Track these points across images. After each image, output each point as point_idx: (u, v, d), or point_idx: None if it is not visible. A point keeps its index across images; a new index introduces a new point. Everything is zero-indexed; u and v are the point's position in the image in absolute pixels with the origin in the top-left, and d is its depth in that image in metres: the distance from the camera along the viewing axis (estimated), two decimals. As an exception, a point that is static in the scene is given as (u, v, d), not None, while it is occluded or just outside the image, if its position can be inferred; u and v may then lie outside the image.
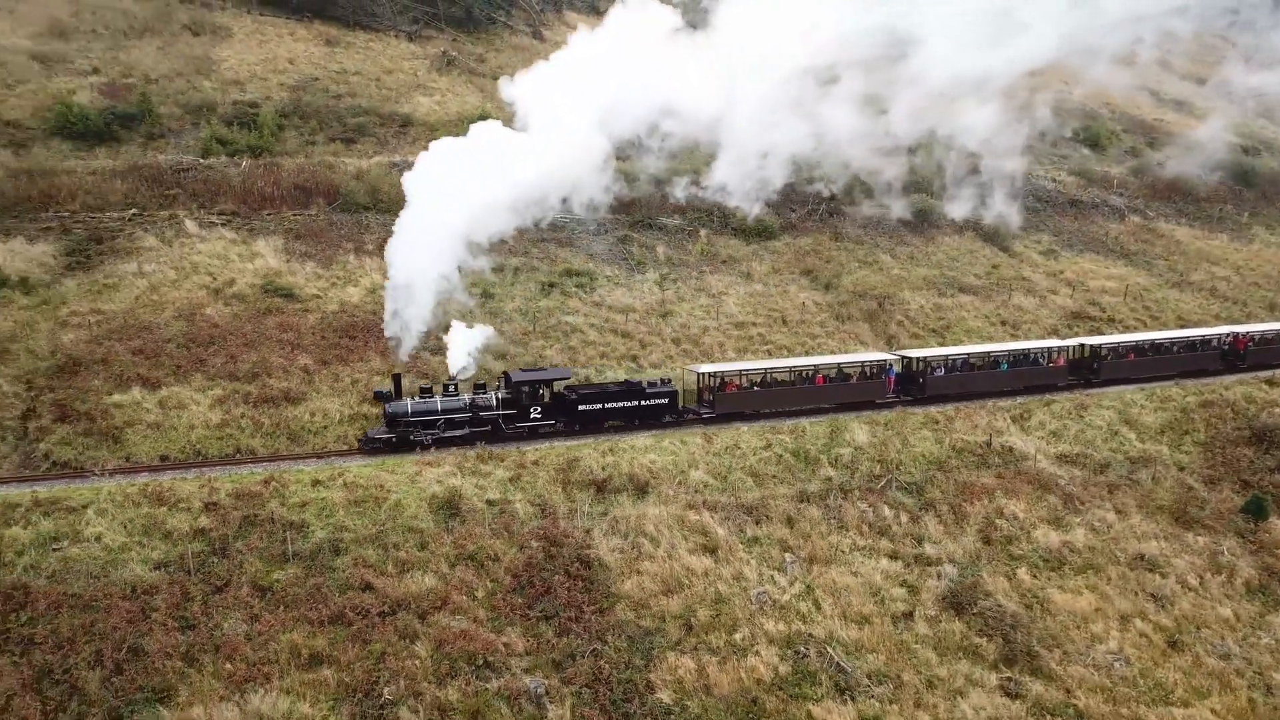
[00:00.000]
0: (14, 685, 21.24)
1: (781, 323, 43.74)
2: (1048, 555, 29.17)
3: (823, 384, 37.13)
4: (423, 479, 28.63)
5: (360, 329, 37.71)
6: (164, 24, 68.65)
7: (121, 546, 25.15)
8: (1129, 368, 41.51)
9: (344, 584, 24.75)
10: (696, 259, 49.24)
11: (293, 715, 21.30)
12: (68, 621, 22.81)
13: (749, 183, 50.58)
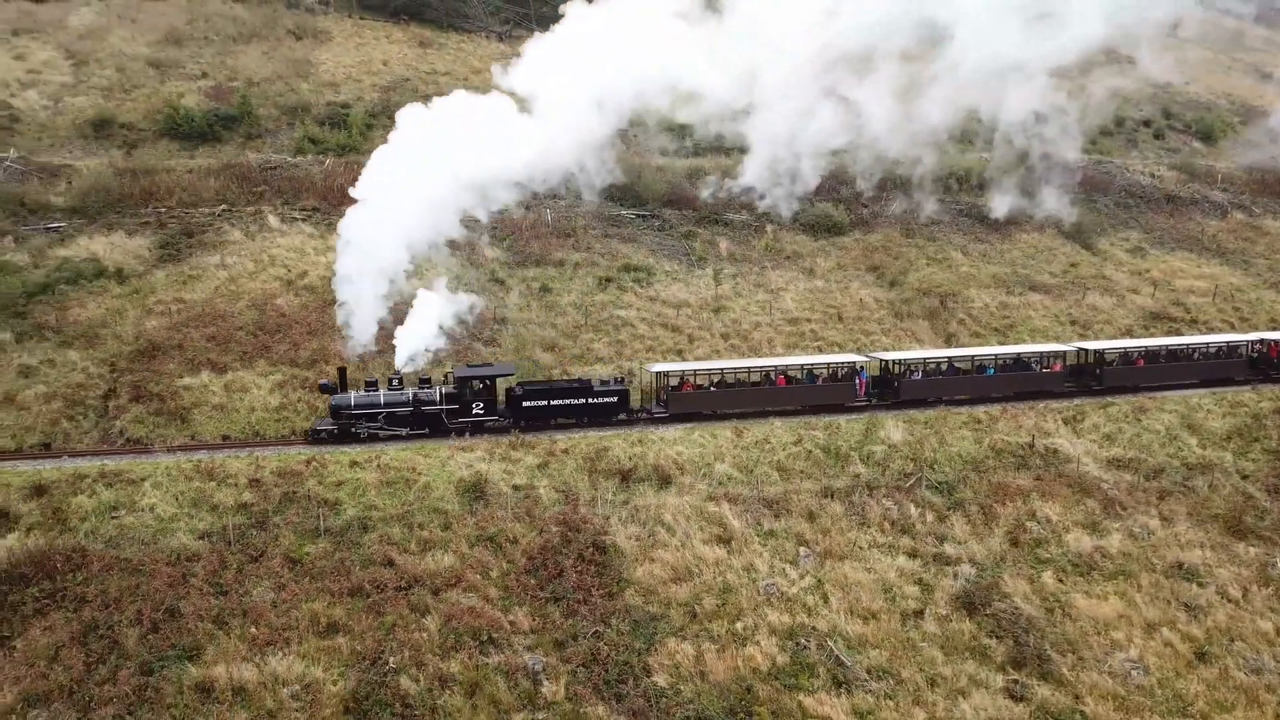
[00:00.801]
0: (63, 638, 23.40)
1: (837, 319, 43.59)
2: (1077, 560, 28.51)
3: (784, 385, 36.53)
4: (454, 463, 29.95)
5: (417, 320, 39.32)
6: (270, 29, 72.55)
7: (172, 517, 27.27)
8: (1138, 375, 39.18)
9: (367, 559, 26.23)
10: (760, 255, 49.42)
11: (305, 678, 22.80)
12: (116, 583, 24.92)
13: (813, 178, 50.37)
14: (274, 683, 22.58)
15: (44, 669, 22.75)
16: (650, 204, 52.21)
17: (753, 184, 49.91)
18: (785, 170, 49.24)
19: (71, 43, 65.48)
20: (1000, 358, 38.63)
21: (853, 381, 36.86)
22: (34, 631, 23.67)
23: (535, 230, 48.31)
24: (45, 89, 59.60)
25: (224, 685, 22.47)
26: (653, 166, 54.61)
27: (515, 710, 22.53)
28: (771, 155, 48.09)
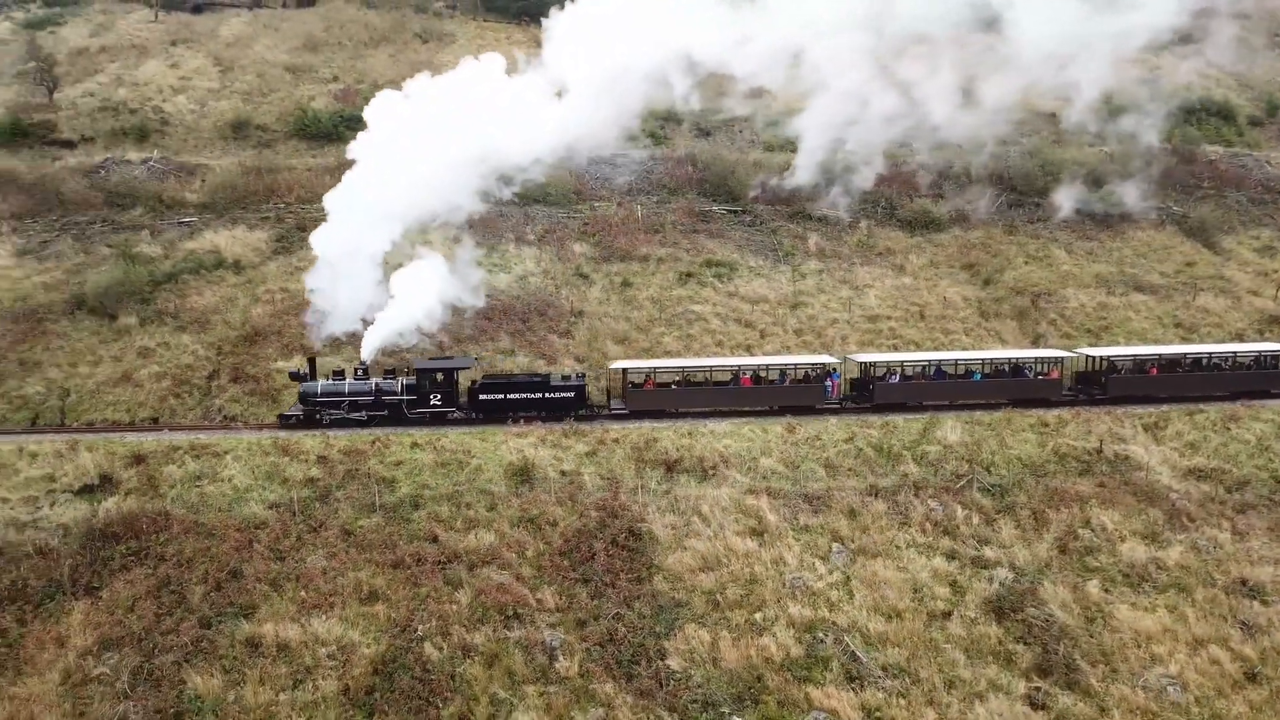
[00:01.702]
0: (141, 591, 26.10)
1: (919, 317, 42.92)
2: (1128, 570, 27.47)
3: (750, 385, 36.02)
4: (506, 448, 31.43)
5: (497, 312, 41.21)
6: (398, 34, 76.52)
7: (247, 488, 29.80)
8: (1150, 385, 36.70)
9: (414, 534, 28.00)
10: (851, 250, 49.05)
11: (343, 640, 24.70)
12: (191, 545, 27.54)
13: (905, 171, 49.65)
14: (314, 642, 24.55)
15: (121, 617, 25.47)
16: (742, 200, 52.52)
17: (820, 179, 49.60)
18: (867, 164, 48.79)
19: (220, 51, 70.89)
20: (991, 363, 37.03)
21: (823, 383, 36.12)
22: (118, 584, 26.48)
23: (625, 226, 49.43)
24: (193, 94, 64.81)
25: (270, 641, 24.60)
26: (749, 162, 54.88)
27: (529, 682, 23.73)
28: (861, 149, 47.72)
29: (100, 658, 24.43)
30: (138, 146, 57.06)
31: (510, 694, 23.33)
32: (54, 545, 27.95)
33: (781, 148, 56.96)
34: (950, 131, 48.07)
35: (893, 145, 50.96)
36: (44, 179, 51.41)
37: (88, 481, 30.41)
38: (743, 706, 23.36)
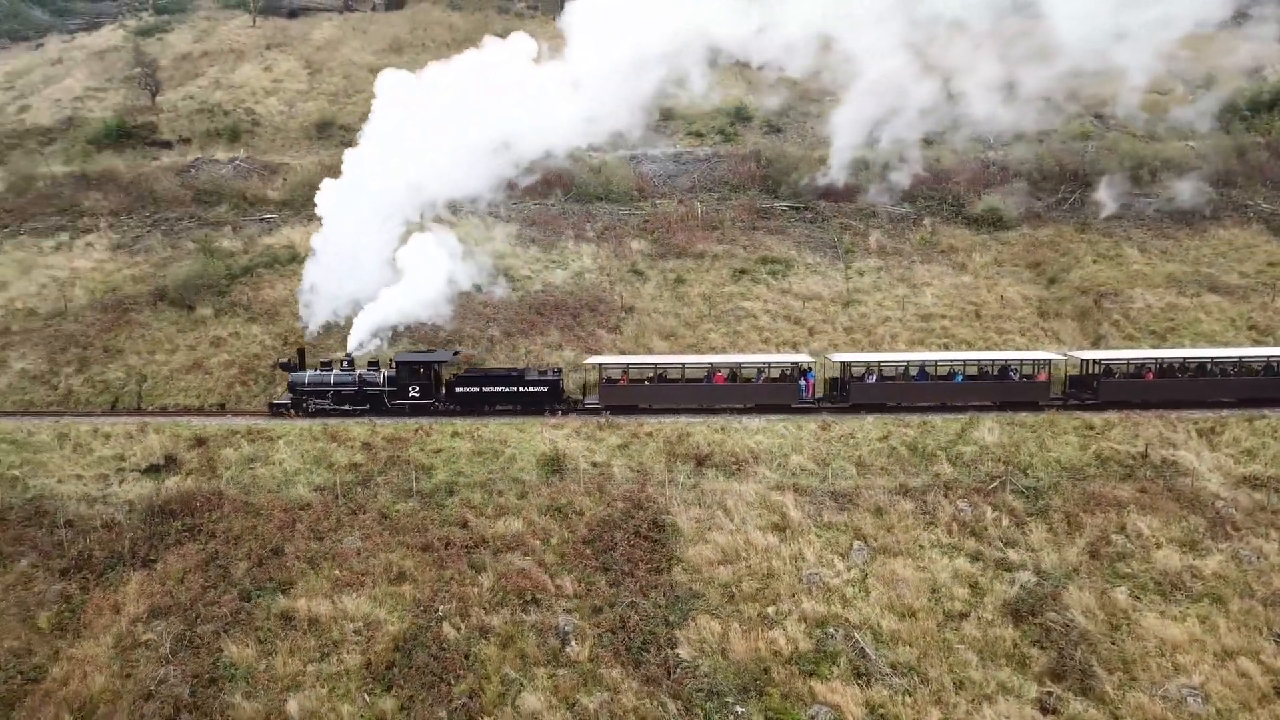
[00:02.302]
0: (191, 564, 27.88)
1: (975, 317, 42.23)
2: (1160, 578, 26.73)
3: (724, 383, 35.93)
4: (540, 439, 32.34)
5: (551, 307, 42.23)
6: (480, 34, 78.15)
7: (295, 471, 31.44)
8: (1146, 390, 35.37)
9: (446, 519, 29.14)
10: (914, 248, 48.49)
11: (370, 617, 25.96)
12: (239, 523, 29.25)
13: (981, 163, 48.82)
14: (342, 618, 25.88)
15: (171, 588, 27.29)
16: (804, 196, 52.40)
17: (876, 174, 49.05)
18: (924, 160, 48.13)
19: (310, 54, 73.97)
20: (977, 364, 36.30)
21: (798, 382, 35.97)
22: (171, 557, 28.34)
23: (684, 224, 49.90)
24: (283, 96, 67.84)
25: (303, 615, 26.03)
26: (814, 158, 54.67)
27: (540, 664, 24.54)
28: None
29: (149, 625, 26.24)
30: (229, 147, 60.06)
31: (521, 675, 24.18)
32: (119, 520, 30.03)
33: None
34: (1015, 125, 46.95)
35: (960, 140, 50.03)
36: (140, 178, 54.70)
37: (154, 461, 32.52)
38: (747, 697, 23.70)
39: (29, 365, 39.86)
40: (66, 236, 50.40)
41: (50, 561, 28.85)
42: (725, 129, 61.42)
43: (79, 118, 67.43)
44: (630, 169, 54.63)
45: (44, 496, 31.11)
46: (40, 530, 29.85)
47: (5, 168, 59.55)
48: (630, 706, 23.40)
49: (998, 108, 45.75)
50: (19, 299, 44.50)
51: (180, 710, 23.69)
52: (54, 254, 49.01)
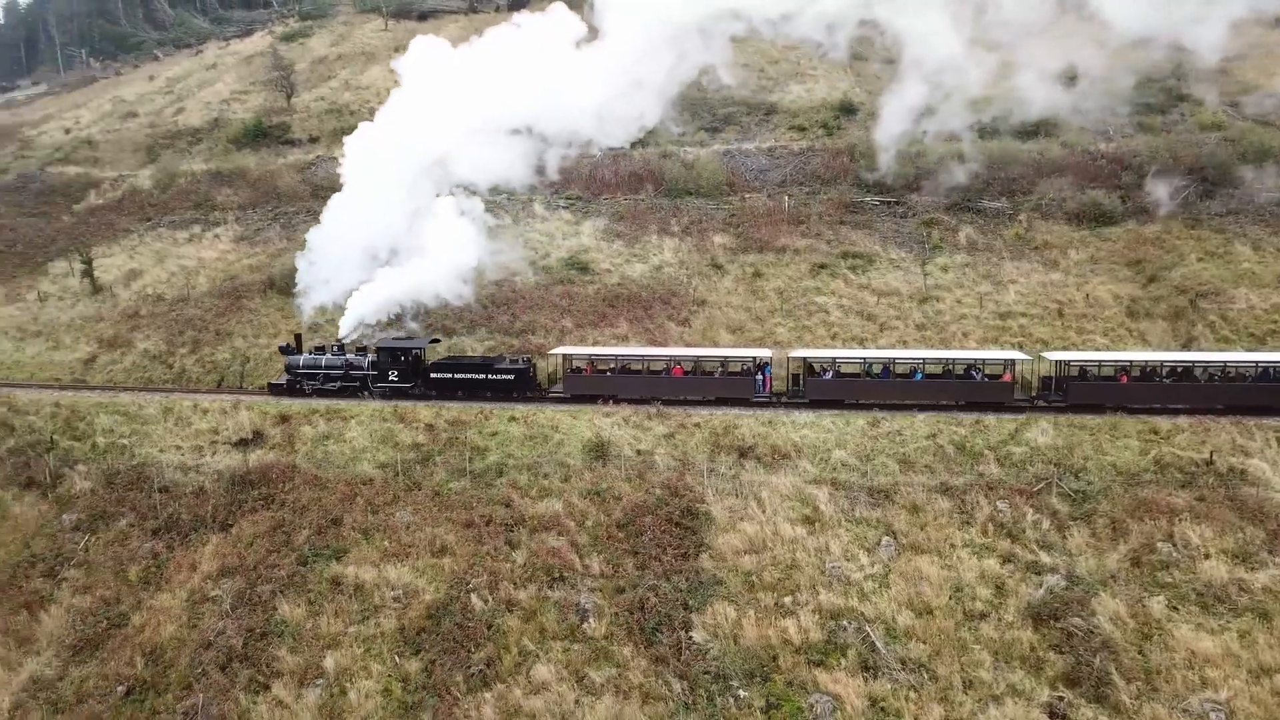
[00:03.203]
0: (261, 530, 30.44)
1: (1057, 315, 40.92)
2: (1204, 590, 25.62)
3: (682, 376, 36.25)
4: (589, 425, 33.53)
5: (624, 300, 43.41)
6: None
7: (363, 449, 33.72)
8: (1119, 394, 33.90)
9: (492, 499, 30.73)
10: (1006, 244, 47.27)
11: (410, 585, 27.76)
12: (307, 495, 31.66)
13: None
14: (384, 585, 27.78)
15: (241, 551, 29.89)
16: (897, 190, 51.74)
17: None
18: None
19: (433, 56, 77.14)
20: (940, 363, 35.48)
21: (755, 377, 35.87)
22: (245, 523, 30.99)
23: (769, 218, 50.16)
24: (404, 97, 71.14)
25: (350, 581, 28.08)
26: (911, 153, 53.82)
27: (557, 639, 25.75)
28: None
29: (218, 582, 28.88)
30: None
31: (537, 647, 25.44)
32: (207, 487, 33.01)
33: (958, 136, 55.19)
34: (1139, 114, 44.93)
35: (1074, 131, 48.36)
36: (266, 174, 58.96)
37: (243, 436, 35.47)
38: (751, 682, 24.21)
39: (151, 346, 43.93)
40: (199, 229, 54.92)
41: (145, 522, 31.99)
42: (829, 123, 60.95)
43: (224, 119, 72.99)
44: (721, 164, 55.14)
45: (146, 464, 34.45)
46: (140, 494, 33.09)
47: (155, 165, 65.22)
48: (636, 683, 24.30)
49: (1117, 100, 43.89)
50: (150, 285, 48.95)
51: (233, 659, 26.05)
52: (186, 245, 53.56)
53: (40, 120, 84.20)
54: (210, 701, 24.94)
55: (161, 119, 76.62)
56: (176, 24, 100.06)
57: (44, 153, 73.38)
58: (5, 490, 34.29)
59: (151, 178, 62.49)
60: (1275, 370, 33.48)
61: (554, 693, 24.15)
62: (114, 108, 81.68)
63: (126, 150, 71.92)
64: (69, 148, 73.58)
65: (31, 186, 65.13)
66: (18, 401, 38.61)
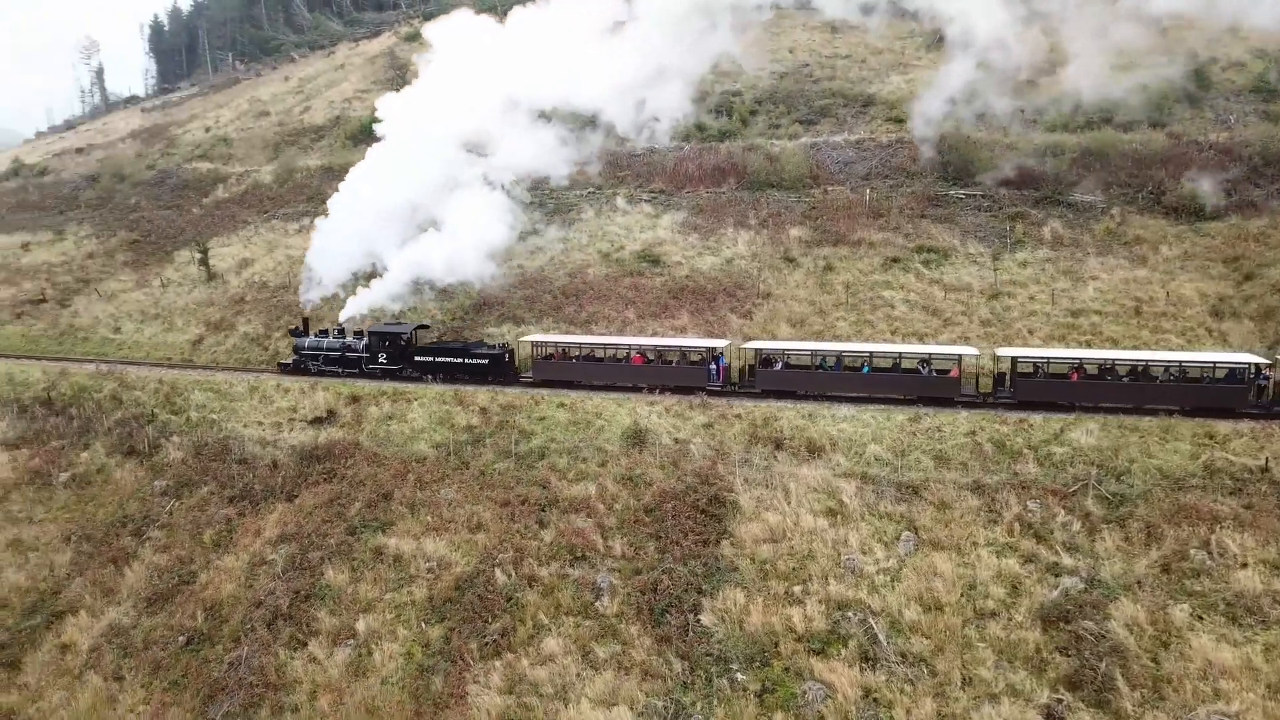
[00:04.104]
0: (320, 501, 32.77)
1: (1133, 314, 39.29)
2: (1234, 600, 24.54)
3: (641, 364, 37.64)
4: (629, 412, 34.48)
5: (688, 292, 44.11)
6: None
7: (422, 429, 35.70)
8: (1068, 392, 33.47)
9: (530, 480, 32.12)
10: (1094, 239, 45.58)
11: (444, 558, 29.47)
12: (365, 470, 33.84)
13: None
14: (420, 556, 29.57)
15: (300, 520, 32.26)
16: (984, 183, 50.49)
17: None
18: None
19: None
20: (890, 357, 35.74)
21: (708, 367, 36.76)
22: (307, 494, 33.40)
23: (848, 211, 49.82)
24: (507, 94, 73.58)
25: (390, 552, 30.00)
26: (1003, 144, 52.42)
27: (571, 614, 26.89)
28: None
29: (276, 547, 31.28)
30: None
31: (551, 621, 26.64)
32: (281, 460, 35.62)
33: (1064, 127, 53.37)
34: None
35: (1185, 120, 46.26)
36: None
37: (318, 414, 38.04)
38: (751, 666, 24.74)
39: (250, 329, 47.37)
40: (308, 220, 58.43)
41: (224, 490, 34.85)
42: (926, 113, 59.72)
43: (344, 117, 77.14)
44: (806, 157, 54.96)
45: (230, 437, 37.43)
46: (221, 465, 36.04)
47: (277, 161, 69.66)
48: (638, 660, 25.20)
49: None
50: (258, 273, 52.62)
51: (278, 618, 28.31)
52: (295, 235, 57.19)
53: (186, 120, 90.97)
54: (253, 654, 27.23)
55: (290, 117, 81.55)
56: (312, 27, 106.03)
57: (185, 150, 79.37)
58: (110, 457, 37.87)
59: (272, 173, 66.77)
60: (1233, 372, 32.41)
61: (559, 665, 25.30)
62: (250, 107, 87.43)
63: (257, 147, 76.98)
64: (207, 145, 79.33)
65: (168, 181, 70.69)
66: (128, 378, 42.49)
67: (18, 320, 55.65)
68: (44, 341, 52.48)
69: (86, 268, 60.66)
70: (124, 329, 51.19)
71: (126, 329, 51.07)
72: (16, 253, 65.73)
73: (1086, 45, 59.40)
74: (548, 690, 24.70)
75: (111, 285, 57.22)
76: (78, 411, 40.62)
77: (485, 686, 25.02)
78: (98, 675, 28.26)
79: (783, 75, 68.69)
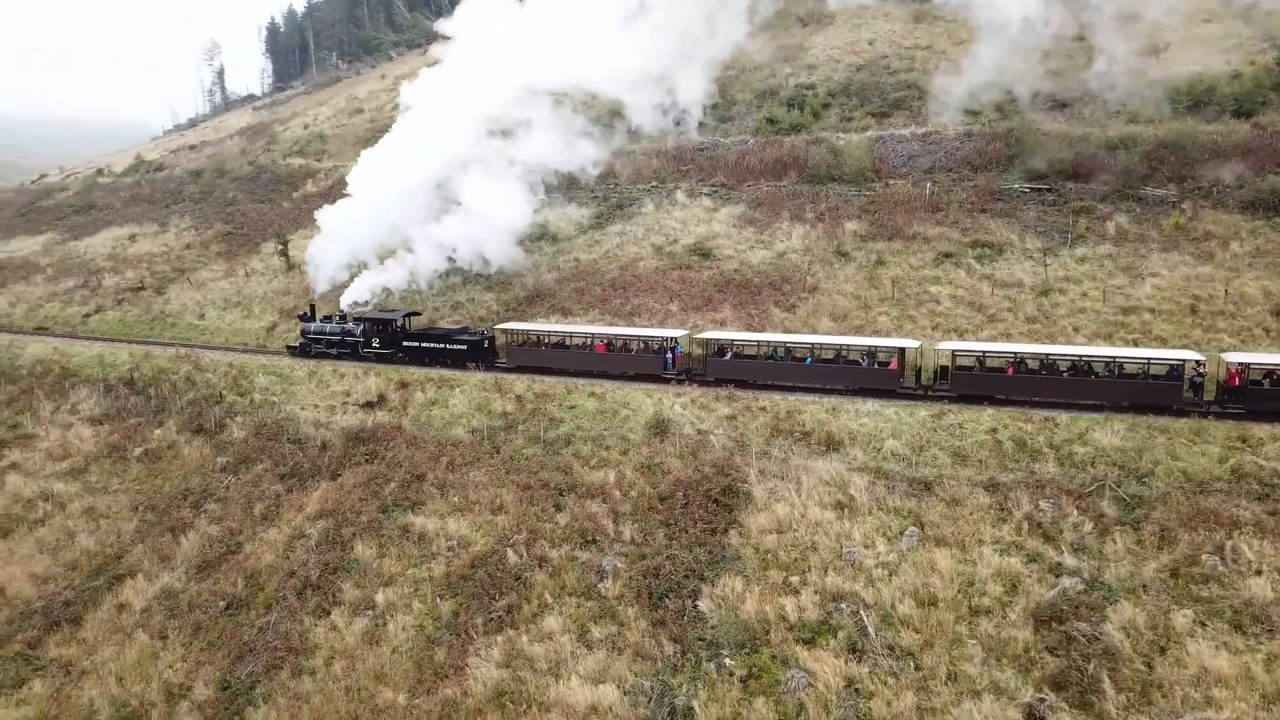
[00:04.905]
0: (360, 480, 34.60)
1: (1189, 313, 37.90)
2: (1241, 608, 23.79)
3: (604, 352, 39.96)
4: (653, 403, 35.18)
5: (734, 286, 44.48)
6: (782, 20, 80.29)
7: (461, 415, 37.21)
8: (1003, 385, 33.99)
9: (554, 465, 33.19)
10: (1162, 235, 44.04)
11: (465, 537, 30.82)
12: (403, 453, 35.54)
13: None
14: (443, 535, 30.99)
15: (339, 498, 34.09)
16: (1051, 177, 49.20)
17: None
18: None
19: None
20: (834, 349, 36.60)
21: (664, 356, 38.67)
22: (349, 474, 35.27)
23: (907, 205, 49.28)
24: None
25: (416, 530, 31.54)
26: (1074, 136, 50.97)
27: (574, 594, 27.85)
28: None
29: (314, 522, 33.18)
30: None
31: (554, 601, 27.65)
32: (331, 441, 37.63)
33: (1149, 118, 51.61)
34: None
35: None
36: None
37: (369, 399, 39.96)
38: (739, 652, 25.25)
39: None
40: (385, 214, 60.93)
41: (277, 468, 37.05)
42: (1003, 105, 58.47)
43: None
44: (870, 150, 54.48)
45: (288, 419, 39.68)
46: (277, 444, 38.26)
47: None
48: (632, 642, 26.00)
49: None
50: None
51: (307, 587, 30.14)
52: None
53: (289, 117, 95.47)
54: (281, 620, 29.10)
55: (381, 115, 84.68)
56: (410, 26, 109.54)
57: (284, 146, 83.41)
58: (180, 434, 40.64)
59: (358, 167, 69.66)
60: (1170, 368, 32.50)
61: (556, 642, 26.29)
62: (346, 105, 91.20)
63: (349, 143, 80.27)
64: (304, 142, 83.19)
65: (263, 177, 74.54)
66: (203, 361, 45.41)
67: (118, 306, 59.85)
68: (137, 326, 56.34)
69: (183, 258, 64.67)
70: (207, 315, 54.55)
71: (210, 315, 54.42)
72: (124, 244, 70.52)
73: (1180, 33, 57.43)
74: (542, 666, 25.71)
75: (203, 274, 60.94)
76: (155, 392, 43.69)
77: (485, 660, 26.18)
78: (145, 634, 30.62)
79: (859, 68, 67.95)
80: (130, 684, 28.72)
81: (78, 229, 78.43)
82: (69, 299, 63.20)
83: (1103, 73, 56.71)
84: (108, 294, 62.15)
